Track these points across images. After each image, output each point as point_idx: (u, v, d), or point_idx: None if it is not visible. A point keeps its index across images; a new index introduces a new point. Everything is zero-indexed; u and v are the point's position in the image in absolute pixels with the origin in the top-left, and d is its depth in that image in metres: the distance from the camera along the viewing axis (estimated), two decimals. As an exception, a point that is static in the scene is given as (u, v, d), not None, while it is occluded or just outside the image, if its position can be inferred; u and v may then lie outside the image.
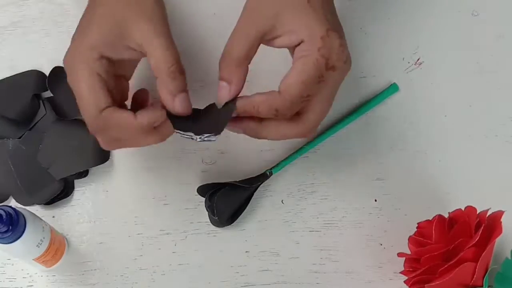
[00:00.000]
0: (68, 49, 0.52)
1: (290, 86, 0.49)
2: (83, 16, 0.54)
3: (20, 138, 0.65)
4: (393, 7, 0.71)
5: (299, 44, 0.49)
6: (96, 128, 0.51)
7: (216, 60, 0.51)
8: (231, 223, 0.63)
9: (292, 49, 0.51)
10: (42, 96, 0.67)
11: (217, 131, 0.50)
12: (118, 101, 0.52)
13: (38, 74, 0.68)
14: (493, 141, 0.68)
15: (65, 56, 0.52)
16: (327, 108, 0.52)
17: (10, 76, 0.68)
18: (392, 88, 0.68)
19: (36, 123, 0.66)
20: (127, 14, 0.50)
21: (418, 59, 0.70)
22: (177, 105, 0.50)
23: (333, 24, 0.50)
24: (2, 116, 0.66)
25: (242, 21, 0.51)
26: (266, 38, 0.50)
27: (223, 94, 0.51)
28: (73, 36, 0.53)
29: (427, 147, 0.67)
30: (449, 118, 0.68)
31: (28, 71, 0.68)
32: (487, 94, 0.69)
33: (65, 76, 0.52)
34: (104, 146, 0.53)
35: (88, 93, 0.49)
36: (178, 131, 0.51)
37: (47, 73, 0.68)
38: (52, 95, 0.67)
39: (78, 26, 0.54)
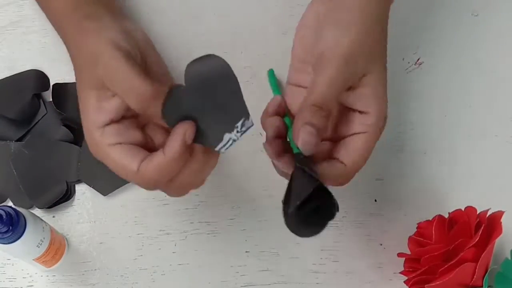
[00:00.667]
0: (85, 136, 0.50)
1: (357, 163, 0.50)
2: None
3: (22, 141, 0.65)
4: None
5: (361, 112, 0.50)
6: (148, 185, 0.49)
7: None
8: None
9: (348, 109, 0.51)
10: (42, 96, 0.67)
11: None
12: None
13: (38, 74, 0.68)
14: (493, 141, 0.68)
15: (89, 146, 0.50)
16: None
17: (10, 76, 0.68)
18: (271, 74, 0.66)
19: (36, 123, 0.66)
20: (99, 73, 0.48)
21: (418, 59, 0.70)
22: None
23: None
24: (2, 116, 0.66)
25: (336, 69, 0.48)
26: None
27: (310, 140, 0.47)
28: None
29: (427, 147, 0.67)
30: (449, 118, 0.68)
31: (28, 71, 0.68)
32: (487, 94, 0.69)
33: (68, 92, 0.55)
34: (176, 194, 0.52)
35: (115, 163, 0.48)
36: None
37: (47, 73, 0.68)
38: (64, 113, 0.66)
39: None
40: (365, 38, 0.49)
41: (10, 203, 0.64)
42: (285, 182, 0.65)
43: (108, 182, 0.64)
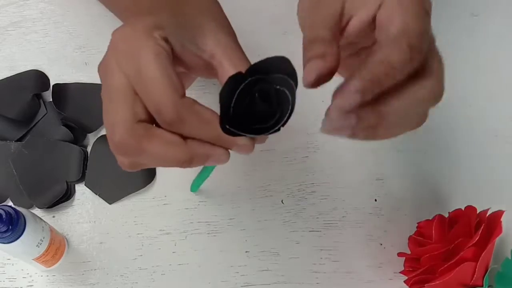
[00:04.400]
0: (121, 26, 0.41)
1: (405, 21, 0.39)
2: (136, 4, 0.47)
3: (22, 141, 0.65)
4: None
5: (377, 13, 0.42)
6: (176, 118, 0.39)
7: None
8: None
9: (369, 28, 0.43)
10: (42, 96, 0.67)
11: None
12: None
13: (38, 74, 0.68)
14: (493, 141, 0.68)
15: (116, 32, 0.41)
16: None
17: (10, 76, 0.68)
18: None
19: (36, 123, 0.66)
20: (203, 20, 0.43)
21: (418, 59, 0.70)
22: None
23: None
24: (2, 116, 0.66)
25: (311, 12, 0.43)
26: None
27: (316, 66, 0.39)
28: (126, 21, 0.43)
29: (427, 147, 0.67)
30: (449, 118, 0.68)
31: (28, 71, 0.68)
32: (487, 94, 0.69)
33: (68, 92, 0.48)
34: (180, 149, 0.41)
35: (160, 75, 0.39)
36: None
37: (47, 73, 0.68)
38: (64, 113, 0.66)
39: (134, 12, 0.46)
40: None
41: (10, 203, 0.64)
42: (285, 182, 0.66)
43: (114, 190, 0.64)
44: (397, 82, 0.39)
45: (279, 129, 0.40)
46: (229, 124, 0.39)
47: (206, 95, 0.67)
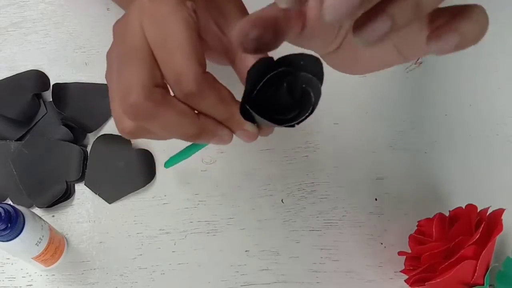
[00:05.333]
0: None
1: None
2: None
3: (22, 141, 0.65)
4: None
5: None
6: (196, 90, 0.37)
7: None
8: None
9: None
10: (42, 96, 0.68)
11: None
12: None
13: (38, 74, 0.68)
14: (494, 140, 0.67)
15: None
16: None
17: (11, 76, 0.68)
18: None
19: (36, 122, 0.66)
20: (229, 4, 0.43)
21: (418, 59, 0.70)
22: None
23: None
24: (2, 115, 0.66)
25: None
26: None
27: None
28: None
29: (427, 146, 0.67)
30: (450, 117, 0.68)
31: (28, 71, 0.69)
32: (487, 93, 0.69)
33: (68, 92, 0.45)
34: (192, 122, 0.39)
35: (188, 44, 0.37)
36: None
37: (47, 73, 0.69)
38: (64, 113, 0.67)
39: None
40: None
41: (10, 203, 0.64)
42: (285, 182, 0.66)
43: (113, 190, 0.64)
44: None
45: (293, 126, 0.40)
46: (249, 104, 0.38)
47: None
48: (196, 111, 0.40)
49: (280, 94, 0.39)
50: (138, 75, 0.37)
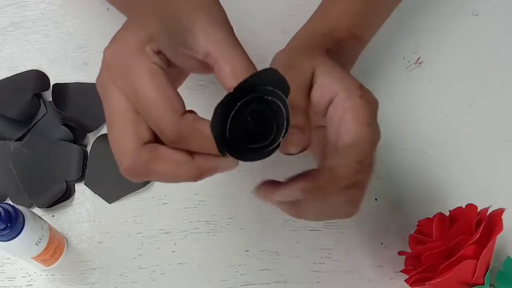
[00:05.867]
0: (112, 43, 0.40)
1: (357, 131, 0.42)
2: (130, 9, 0.44)
3: (22, 141, 0.65)
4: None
5: (331, 103, 0.44)
6: (177, 137, 0.38)
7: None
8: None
9: (322, 112, 0.45)
10: (42, 95, 0.68)
11: None
12: None
13: (38, 74, 0.68)
14: (494, 140, 0.67)
15: (107, 51, 0.40)
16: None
17: (11, 76, 0.68)
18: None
19: (36, 122, 0.66)
20: (194, 17, 0.40)
21: (418, 59, 0.70)
22: None
23: None
24: (2, 115, 0.66)
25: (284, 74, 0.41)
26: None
27: (298, 140, 0.43)
28: (117, 34, 0.41)
29: (427, 146, 0.67)
30: (450, 117, 0.68)
31: (29, 71, 0.69)
32: (487, 93, 0.69)
33: (68, 92, 0.45)
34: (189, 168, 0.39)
35: (157, 94, 0.38)
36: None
37: (47, 73, 0.69)
38: (64, 113, 0.67)
39: (126, 23, 0.42)
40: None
41: (10, 203, 0.64)
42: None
43: (113, 189, 0.64)
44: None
45: (278, 145, 0.40)
46: (227, 148, 0.37)
47: (205, 94, 0.67)
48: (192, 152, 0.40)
49: (252, 123, 0.37)
50: (123, 141, 0.39)
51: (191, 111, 0.39)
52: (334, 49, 0.49)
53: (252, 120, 0.37)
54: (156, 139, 0.39)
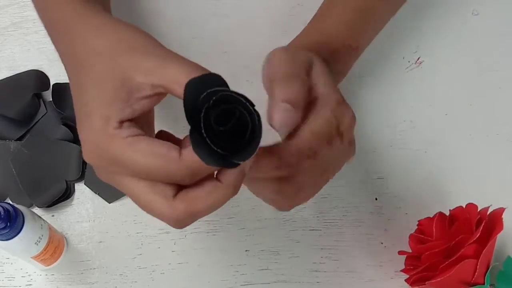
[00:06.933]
0: (83, 145, 0.42)
1: (299, 134, 0.44)
2: (73, 85, 0.44)
3: (22, 140, 0.65)
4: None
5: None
6: (192, 174, 0.39)
7: (214, 54, 0.51)
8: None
9: None
10: (42, 95, 0.68)
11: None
12: None
13: (38, 74, 0.68)
14: (494, 140, 0.67)
15: (85, 155, 0.42)
16: (319, 186, 0.49)
17: (11, 76, 0.68)
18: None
19: (36, 122, 0.66)
20: (123, 63, 0.40)
21: (418, 58, 0.70)
22: None
23: None
24: (2, 115, 0.66)
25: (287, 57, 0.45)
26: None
27: (291, 116, 0.42)
28: (81, 134, 0.42)
29: (427, 146, 0.67)
30: (450, 116, 0.68)
31: (29, 71, 0.69)
32: (487, 92, 0.69)
33: (68, 92, 0.45)
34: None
35: (147, 158, 0.39)
36: None
37: (47, 73, 0.69)
38: (64, 113, 0.66)
39: (74, 103, 0.43)
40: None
41: (9, 202, 0.64)
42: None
43: (113, 189, 0.62)
44: None
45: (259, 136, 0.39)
46: (231, 162, 0.38)
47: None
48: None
49: (224, 127, 0.37)
50: (156, 209, 0.41)
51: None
52: (328, 59, 0.49)
53: (222, 125, 0.37)
54: (180, 186, 0.40)
